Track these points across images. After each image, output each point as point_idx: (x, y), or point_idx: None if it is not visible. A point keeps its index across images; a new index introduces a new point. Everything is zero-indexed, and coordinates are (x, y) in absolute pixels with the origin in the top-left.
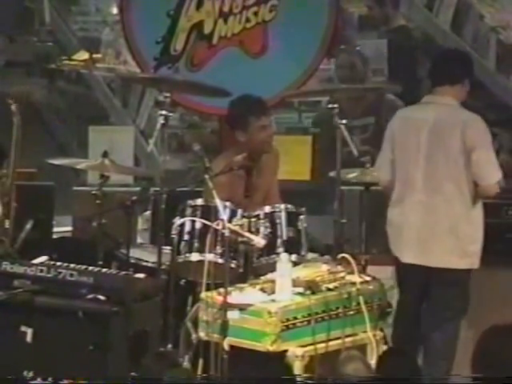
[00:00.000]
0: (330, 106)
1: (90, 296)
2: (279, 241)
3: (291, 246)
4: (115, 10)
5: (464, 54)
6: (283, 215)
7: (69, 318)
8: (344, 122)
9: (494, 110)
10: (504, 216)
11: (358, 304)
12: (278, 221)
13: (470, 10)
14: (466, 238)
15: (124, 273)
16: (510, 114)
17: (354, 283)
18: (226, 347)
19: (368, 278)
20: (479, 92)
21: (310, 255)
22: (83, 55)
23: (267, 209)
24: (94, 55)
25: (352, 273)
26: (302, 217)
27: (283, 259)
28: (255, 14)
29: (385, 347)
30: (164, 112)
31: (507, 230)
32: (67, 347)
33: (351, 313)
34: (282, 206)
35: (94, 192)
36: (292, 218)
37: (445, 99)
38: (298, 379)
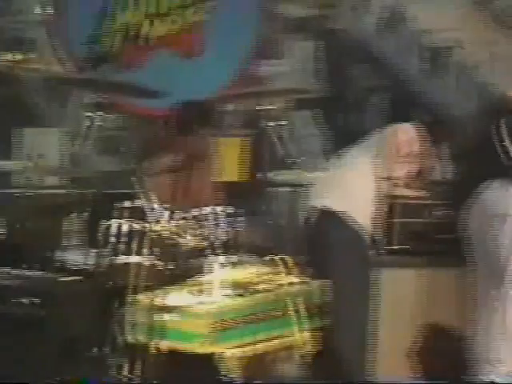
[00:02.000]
0: (257, 107)
1: (19, 300)
2: (211, 242)
3: (223, 248)
4: (41, 10)
5: None
6: (218, 216)
7: None
8: (272, 123)
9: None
10: (429, 216)
11: (291, 305)
12: (210, 222)
13: (398, 12)
14: None
15: (52, 276)
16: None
17: (287, 284)
18: (154, 350)
19: (301, 279)
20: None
21: (244, 256)
22: (7, 56)
23: (196, 210)
24: (20, 56)
25: (286, 274)
26: (235, 218)
27: (214, 261)
28: (188, 14)
29: (313, 348)
30: (95, 113)
31: (433, 230)
32: None
33: (283, 314)
34: (212, 208)
35: (18, 195)
36: (225, 220)
37: None
38: (227, 380)
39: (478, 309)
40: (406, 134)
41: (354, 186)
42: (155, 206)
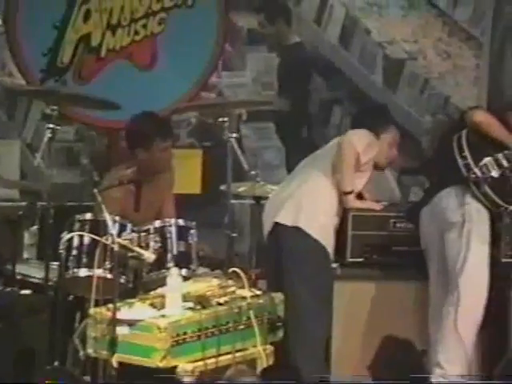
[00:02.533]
0: (220, 119)
1: None
2: (169, 255)
3: (181, 261)
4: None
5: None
6: (173, 229)
7: None
8: (234, 135)
9: None
10: (391, 228)
11: (249, 318)
12: (168, 235)
13: (357, 24)
14: None
15: (10, 289)
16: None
17: (244, 297)
18: (115, 364)
19: (258, 292)
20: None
21: (201, 269)
22: None
23: (157, 223)
24: None
25: (242, 287)
26: (192, 231)
27: (173, 274)
28: (144, 26)
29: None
30: (51, 125)
31: (395, 243)
32: None
33: (242, 327)
34: (173, 221)
35: None
36: (182, 232)
37: None
38: None
39: (431, 313)
40: (362, 143)
41: (309, 200)
42: (117, 218)
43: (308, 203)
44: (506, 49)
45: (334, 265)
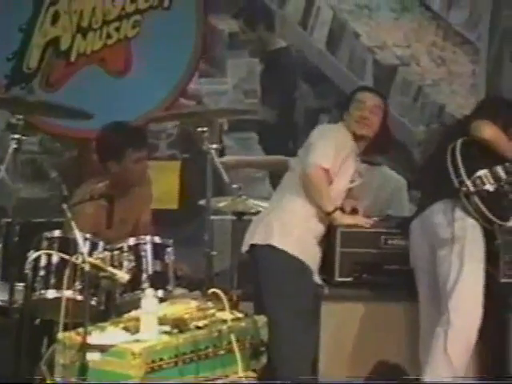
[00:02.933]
0: (199, 129)
1: None
2: (144, 275)
3: (157, 281)
4: None
5: None
6: (149, 247)
7: None
8: (215, 146)
9: None
10: (382, 246)
11: (230, 343)
12: (143, 253)
13: (345, 28)
14: None
15: None
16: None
17: (224, 320)
18: None
19: (240, 315)
20: None
21: (178, 290)
22: None
23: (131, 241)
24: None
25: (223, 309)
26: (169, 249)
27: (148, 295)
28: (117, 29)
29: None
30: (17, 136)
31: (386, 261)
32: None
33: (222, 352)
34: (148, 238)
35: None
36: (159, 251)
37: None
38: None
39: (422, 335)
40: (327, 154)
41: (280, 216)
42: (88, 236)
43: (279, 219)
44: (504, 54)
45: (319, 281)
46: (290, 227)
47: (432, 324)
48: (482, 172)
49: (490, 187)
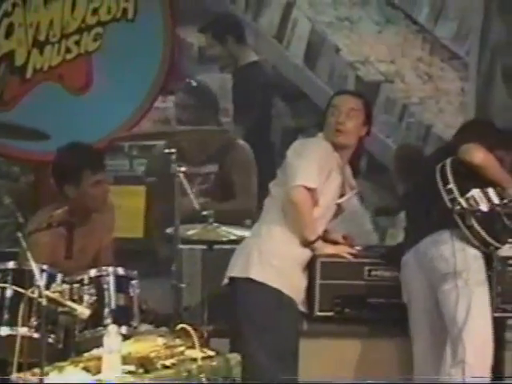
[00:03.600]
0: (166, 151)
1: None
2: (107, 310)
3: (121, 316)
4: None
5: None
6: (111, 279)
7: None
8: (183, 169)
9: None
10: (366, 277)
11: (201, 382)
12: (105, 286)
13: (325, 42)
14: None
15: None
16: (372, 161)
17: (194, 359)
18: None
19: (211, 353)
20: None
21: (144, 326)
22: None
23: (92, 272)
24: None
25: (193, 347)
26: (133, 281)
27: (111, 332)
28: (76, 43)
29: None
30: None
31: (370, 294)
32: None
33: None
34: (110, 269)
35: None
36: (122, 283)
37: None
38: None
39: (417, 373)
40: (311, 174)
41: (259, 247)
42: (45, 267)
43: (258, 248)
44: (495, 70)
45: (306, 310)
46: (269, 257)
47: (431, 364)
48: (474, 191)
49: (483, 207)
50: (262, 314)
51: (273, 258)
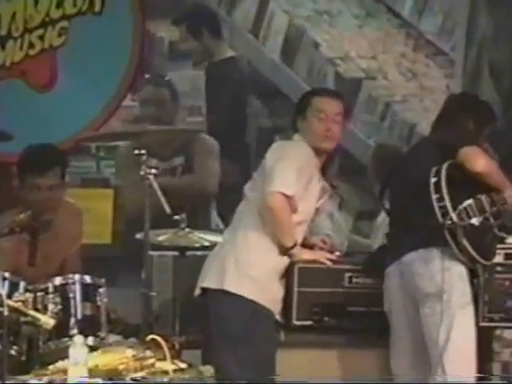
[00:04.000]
0: (136, 152)
1: None
2: (72, 320)
3: (87, 327)
4: None
5: None
6: (78, 288)
7: None
8: (154, 171)
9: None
10: (346, 284)
11: None
12: (71, 295)
13: (303, 36)
14: None
15: None
16: (353, 163)
17: (166, 372)
18: None
19: (183, 366)
20: None
21: (112, 337)
22: None
23: (57, 280)
24: None
25: (164, 359)
26: (101, 290)
27: (77, 343)
28: (40, 37)
29: None
30: None
31: (350, 302)
32: None
33: None
34: (77, 277)
35: None
36: (89, 292)
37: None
38: None
39: None
40: (289, 180)
41: (235, 256)
42: (6, 274)
43: (233, 257)
44: (481, 66)
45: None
46: (245, 267)
47: (412, 375)
48: (467, 203)
49: (475, 221)
50: (237, 327)
51: (249, 268)
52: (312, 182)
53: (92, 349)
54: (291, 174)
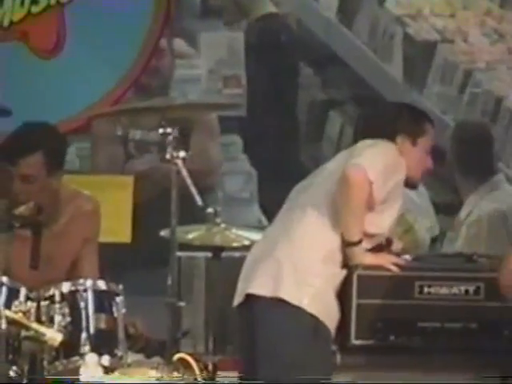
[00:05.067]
0: (161, 131)
1: None
2: (84, 335)
3: (102, 344)
4: None
5: None
6: (90, 296)
7: None
8: (183, 154)
9: None
10: (417, 295)
11: None
12: (82, 305)
13: None
14: None
15: None
16: None
17: None
18: None
19: None
20: None
21: (132, 356)
22: None
23: (66, 286)
24: None
25: (195, 382)
26: (118, 298)
27: (90, 363)
28: None
29: None
30: None
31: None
32: None
33: None
34: (89, 283)
35: None
36: (103, 300)
37: None
38: None
39: None
40: (376, 167)
41: (296, 258)
42: (4, 279)
43: (291, 260)
44: None
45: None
46: (308, 273)
47: None
48: None
49: None
50: (292, 346)
51: (313, 276)
52: (395, 193)
53: (107, 370)
54: (379, 161)
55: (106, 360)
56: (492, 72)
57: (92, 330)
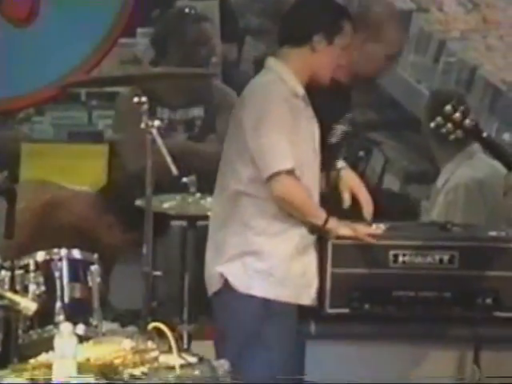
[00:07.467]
0: (136, 99)
1: None
2: (58, 304)
3: (77, 312)
4: None
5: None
6: (65, 265)
7: None
8: (157, 123)
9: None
10: (391, 264)
11: None
12: (56, 274)
13: None
14: None
15: None
16: (401, 114)
17: (171, 367)
18: None
19: (193, 359)
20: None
21: (106, 325)
22: None
23: (40, 255)
24: None
25: (169, 351)
26: (93, 267)
27: (64, 332)
28: None
29: None
30: None
31: (396, 286)
32: None
33: None
34: (63, 252)
35: None
36: (78, 270)
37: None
38: None
39: None
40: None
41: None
42: None
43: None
44: None
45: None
46: (270, 266)
47: None
48: None
49: None
50: (242, 329)
51: (275, 268)
52: (300, 125)
53: (82, 339)
54: (280, 139)
55: (80, 329)
56: (466, 41)
57: (67, 299)
